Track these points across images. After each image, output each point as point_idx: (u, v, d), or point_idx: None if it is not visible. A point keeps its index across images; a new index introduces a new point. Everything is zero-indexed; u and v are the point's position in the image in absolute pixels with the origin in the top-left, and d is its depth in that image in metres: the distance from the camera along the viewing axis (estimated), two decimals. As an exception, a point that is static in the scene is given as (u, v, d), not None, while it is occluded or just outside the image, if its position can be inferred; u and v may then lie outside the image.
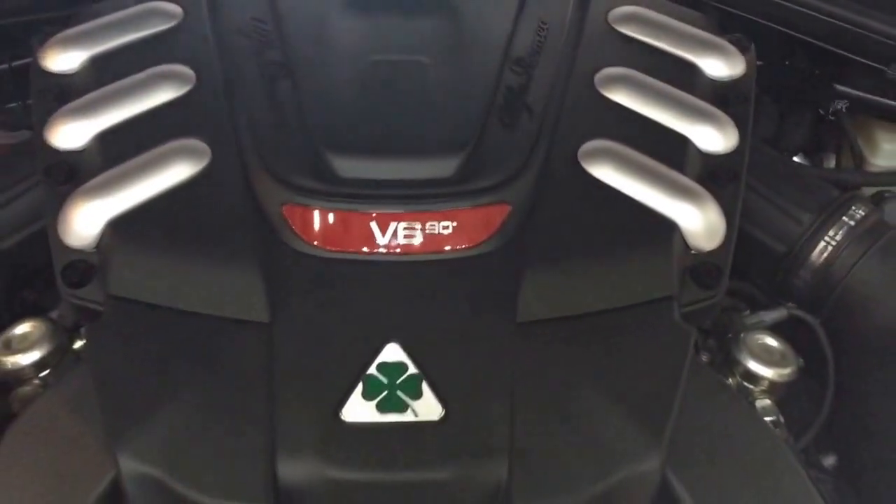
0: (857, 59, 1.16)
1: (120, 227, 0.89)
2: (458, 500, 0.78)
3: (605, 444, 0.78)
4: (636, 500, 0.79)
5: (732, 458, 0.81)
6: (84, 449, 0.80)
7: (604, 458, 0.78)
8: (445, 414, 0.79)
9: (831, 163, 1.32)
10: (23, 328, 0.94)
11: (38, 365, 0.92)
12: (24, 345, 0.92)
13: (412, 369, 0.81)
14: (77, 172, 0.93)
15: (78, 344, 0.96)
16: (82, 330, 0.96)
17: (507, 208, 0.90)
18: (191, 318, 0.85)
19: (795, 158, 1.29)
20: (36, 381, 0.92)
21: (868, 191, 1.19)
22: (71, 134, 0.96)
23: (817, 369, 0.98)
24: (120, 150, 0.94)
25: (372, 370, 0.81)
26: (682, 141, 0.97)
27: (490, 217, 0.90)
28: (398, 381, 0.80)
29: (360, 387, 0.80)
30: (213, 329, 0.84)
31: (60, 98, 1.00)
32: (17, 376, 0.92)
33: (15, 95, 1.25)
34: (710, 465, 0.80)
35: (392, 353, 0.82)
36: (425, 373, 0.81)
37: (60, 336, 0.94)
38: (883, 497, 0.91)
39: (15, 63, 1.22)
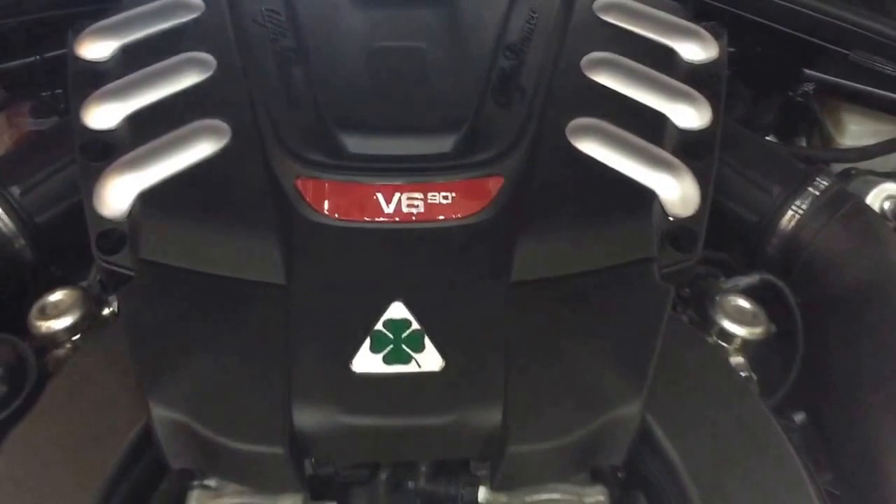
0: (823, 44, 1.18)
1: (149, 198, 0.91)
2: (458, 443, 0.80)
3: (590, 390, 0.80)
4: (619, 442, 0.81)
5: (707, 404, 0.83)
6: (118, 400, 0.82)
7: (590, 403, 0.80)
8: (446, 365, 0.81)
9: (802, 144, 1.34)
10: (56, 296, 0.95)
11: (70, 329, 0.93)
12: (57, 311, 0.94)
13: (415, 325, 0.83)
14: (110, 150, 0.95)
15: (106, 311, 0.97)
16: (110, 298, 0.98)
17: (502, 180, 0.92)
18: (214, 279, 0.87)
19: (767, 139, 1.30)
20: (68, 346, 0.94)
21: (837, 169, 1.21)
22: (104, 115, 0.98)
23: (790, 336, 0.99)
24: (148, 129, 0.96)
25: (379, 326, 0.83)
26: (661, 118, 0.99)
27: (486, 188, 0.92)
28: (403, 336, 0.82)
29: (368, 341, 0.82)
30: (234, 290, 0.86)
31: (94, 83, 1.01)
32: (51, 340, 0.93)
33: (45, 85, 1.27)
34: (686, 410, 0.82)
35: (397, 310, 0.84)
36: (427, 328, 0.82)
37: (90, 304, 0.96)
38: (849, 450, 0.92)
39: (46, 55, 1.24)
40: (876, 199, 1.13)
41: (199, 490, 0.82)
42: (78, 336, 0.94)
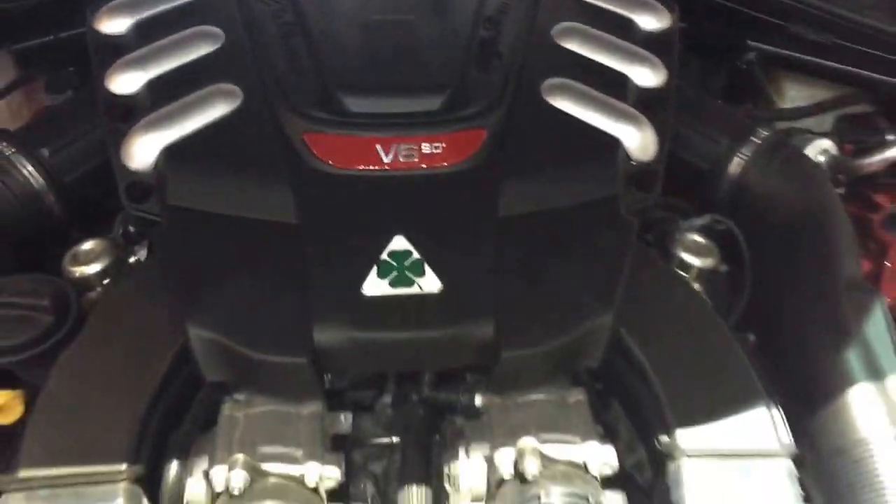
0: (764, 17, 1.31)
1: (174, 152, 1.01)
2: (456, 353, 0.92)
3: (569, 305, 0.92)
4: (594, 349, 0.93)
5: (669, 314, 0.96)
6: (155, 325, 0.92)
7: (568, 316, 0.92)
8: (444, 287, 0.91)
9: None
10: (87, 245, 1.05)
11: (101, 274, 1.03)
12: (89, 258, 1.03)
13: (416, 255, 0.93)
14: (132, 112, 1.05)
15: (132, 260, 1.07)
16: (135, 248, 1.08)
17: (485, 132, 1.03)
18: (235, 220, 0.96)
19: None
20: (100, 289, 1.03)
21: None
22: (126, 81, 1.07)
23: (739, 270, 1.10)
24: (167, 93, 1.06)
25: (384, 256, 0.93)
26: (623, 78, 1.11)
27: (472, 139, 1.03)
28: (405, 264, 0.92)
29: (375, 269, 0.92)
30: (254, 228, 0.96)
31: (113, 55, 1.10)
32: (85, 284, 1.03)
33: (60, 63, 1.36)
34: (651, 321, 0.95)
35: (399, 243, 0.94)
36: (426, 257, 0.93)
37: (118, 252, 1.05)
38: (792, 362, 1.02)
39: (60, 35, 1.32)
40: (812, 153, 1.26)
41: (231, 402, 0.92)
42: (108, 281, 1.04)
